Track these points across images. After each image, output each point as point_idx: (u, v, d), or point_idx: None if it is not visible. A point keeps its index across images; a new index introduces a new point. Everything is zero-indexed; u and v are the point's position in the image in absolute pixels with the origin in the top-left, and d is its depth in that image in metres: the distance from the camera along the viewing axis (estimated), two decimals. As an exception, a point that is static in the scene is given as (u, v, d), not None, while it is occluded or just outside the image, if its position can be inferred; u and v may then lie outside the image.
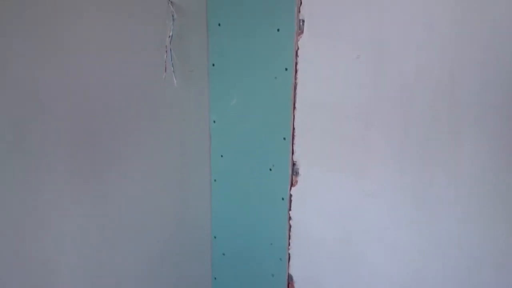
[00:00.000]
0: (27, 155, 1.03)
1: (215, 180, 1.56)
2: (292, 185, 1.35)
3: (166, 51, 1.24)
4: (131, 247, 1.32)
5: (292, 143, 1.31)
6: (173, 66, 1.28)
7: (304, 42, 1.21)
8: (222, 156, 1.51)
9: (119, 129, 1.22)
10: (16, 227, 1.03)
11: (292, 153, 1.32)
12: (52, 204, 1.10)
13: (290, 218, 1.37)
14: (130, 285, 1.34)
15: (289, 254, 1.40)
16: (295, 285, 1.41)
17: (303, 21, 1.20)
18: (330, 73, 1.18)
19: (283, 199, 1.38)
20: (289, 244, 1.39)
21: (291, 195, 1.35)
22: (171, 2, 1.23)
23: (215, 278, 1.66)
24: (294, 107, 1.26)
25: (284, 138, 1.32)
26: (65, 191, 1.12)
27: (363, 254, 1.23)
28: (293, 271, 1.40)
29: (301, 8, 1.19)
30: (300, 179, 1.33)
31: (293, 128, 1.29)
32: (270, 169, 1.39)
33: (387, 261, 1.19)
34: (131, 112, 1.24)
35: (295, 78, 1.24)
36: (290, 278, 1.42)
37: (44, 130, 1.05)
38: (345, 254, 1.27)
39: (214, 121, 1.48)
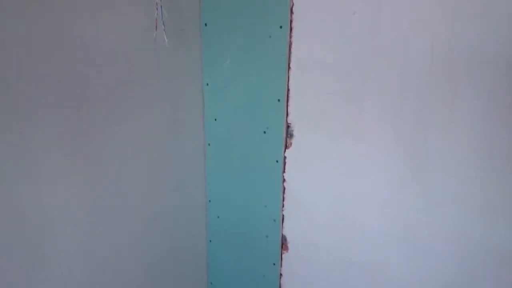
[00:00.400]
0: (17, 116, 1.00)
1: (209, 144, 1.55)
2: (286, 147, 1.34)
3: (157, 8, 1.20)
4: (125, 210, 1.32)
5: (287, 105, 1.29)
6: (164, 25, 1.23)
7: (299, -2, 1.18)
8: (215, 119, 1.50)
9: (109, 91, 1.19)
10: (7, 189, 1.02)
11: (287, 115, 1.31)
12: (45, 165, 1.08)
13: (284, 180, 1.38)
14: (123, 249, 1.35)
15: (283, 215, 1.41)
16: (289, 245, 1.43)
17: (298, -24, 1.16)
18: (326, 30, 1.15)
19: (277, 161, 1.37)
20: (283, 206, 1.41)
21: (285, 157, 1.35)
22: (161, -45, 1.18)
23: (210, 241, 1.69)
24: (289, 67, 1.24)
25: (279, 100, 1.30)
26: (57, 152, 1.10)
27: (356, 214, 1.25)
28: (286, 232, 1.42)
29: (296, -38, 1.15)
30: (294, 141, 1.32)
31: (288, 89, 1.27)
32: (264, 132, 1.38)
33: (379, 220, 1.20)
34: (121, 72, 1.21)
35: (290, 37, 1.21)
36: (284, 239, 1.44)
37: (33, 90, 1.02)
38: (338, 215, 1.29)
39: (207, 84, 1.46)
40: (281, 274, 1.48)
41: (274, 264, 1.48)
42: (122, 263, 1.35)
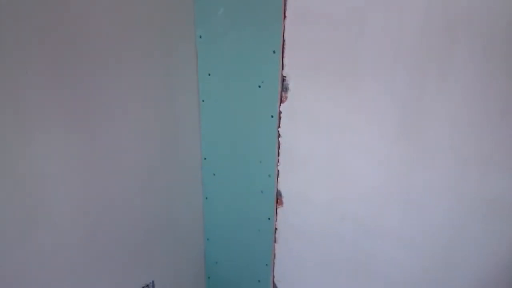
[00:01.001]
0: (8, 64, 0.97)
1: (203, 101, 1.53)
2: (281, 101, 1.32)
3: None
4: (120, 166, 1.32)
5: (282, 57, 1.26)
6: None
7: None
8: (209, 74, 1.46)
9: (101, 45, 1.15)
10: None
11: (282, 68, 1.28)
12: (38, 120, 1.06)
13: (279, 135, 1.37)
14: (119, 206, 1.36)
15: (277, 170, 1.42)
16: (284, 200, 1.45)
17: None
18: (322, -23, 1.10)
19: (272, 116, 1.36)
20: (278, 161, 1.40)
21: (280, 112, 1.34)
22: None
23: (206, 198, 1.70)
24: (285, 16, 1.20)
25: (274, 52, 1.26)
26: (50, 107, 1.08)
27: (350, 168, 1.25)
28: (281, 187, 1.43)
29: None
30: (289, 95, 1.30)
31: (283, 40, 1.24)
32: (259, 86, 1.35)
33: (373, 172, 1.21)
34: (112, 25, 1.16)
35: (286, -16, 1.16)
36: (278, 194, 1.45)
37: (25, 39, 0.98)
38: (332, 169, 1.29)
39: (200, 36, 1.41)
40: (276, 228, 1.51)
41: (269, 219, 1.50)
42: (118, 220, 1.37)
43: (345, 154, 1.25)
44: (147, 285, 1.57)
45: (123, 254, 1.42)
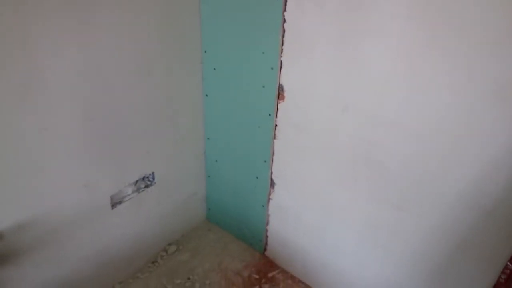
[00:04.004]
0: None
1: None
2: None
3: None
4: (120, 61, 1.26)
5: None
6: None
7: None
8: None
9: None
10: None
11: None
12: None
13: (284, 20, 1.28)
14: (119, 97, 1.33)
15: (281, 62, 1.36)
16: (285, 94, 1.41)
17: None
18: None
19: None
20: (281, 51, 1.34)
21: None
22: None
23: (206, 95, 1.67)
24: None
25: None
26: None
27: (357, 53, 1.18)
28: (284, 80, 1.38)
29: None
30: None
31: None
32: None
33: (381, 57, 1.13)
34: None
35: None
36: (280, 88, 1.41)
37: None
38: (338, 55, 1.22)
39: None
40: (276, 125, 1.49)
41: (269, 115, 1.48)
42: (118, 109, 1.34)
43: (353, 38, 1.17)
44: (147, 176, 1.60)
45: (123, 142, 1.42)
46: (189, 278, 1.70)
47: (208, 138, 1.78)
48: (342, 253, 1.52)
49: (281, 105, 1.44)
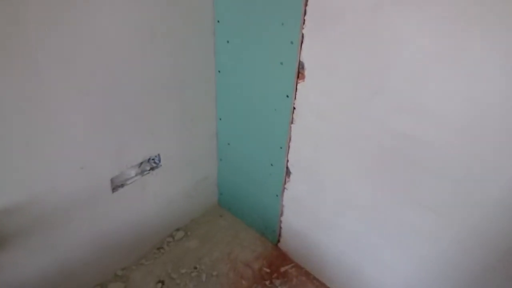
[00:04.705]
0: None
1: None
2: None
3: None
4: (124, 26, 1.12)
5: None
6: None
7: None
8: None
9: None
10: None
11: None
12: None
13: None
14: (125, 72, 1.19)
15: (302, 35, 1.17)
16: (306, 73, 1.23)
17: None
18: None
19: None
20: (303, 22, 1.15)
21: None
22: None
23: (219, 71, 1.51)
24: None
25: None
26: None
27: (393, 25, 0.98)
28: (304, 56, 1.20)
29: None
30: None
31: None
32: None
33: (419, 31, 0.94)
34: None
35: None
36: (301, 66, 1.22)
37: None
38: (370, 28, 1.02)
39: None
40: (294, 108, 1.32)
41: (287, 96, 1.30)
42: (124, 85, 1.21)
43: (390, 6, 0.96)
44: (152, 158, 1.48)
45: (124, 120, 1.29)
46: (195, 268, 1.60)
47: (220, 119, 1.63)
48: (362, 252, 1.36)
49: (301, 85, 1.26)
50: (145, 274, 1.55)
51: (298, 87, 1.27)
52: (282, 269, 1.63)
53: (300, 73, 1.24)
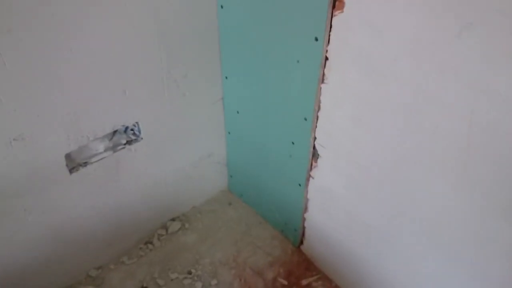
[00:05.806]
0: None
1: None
2: None
3: None
4: None
5: None
6: None
7: None
8: None
9: None
10: None
11: None
12: None
13: None
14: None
15: None
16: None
17: None
18: None
19: None
20: None
21: None
22: None
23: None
24: None
25: None
26: None
27: None
28: None
29: None
30: None
31: None
32: None
33: None
34: None
35: None
36: (339, -16, 0.75)
37: None
38: None
39: None
40: (326, 58, 0.85)
41: (316, 40, 0.84)
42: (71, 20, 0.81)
43: None
44: (131, 128, 1.09)
45: (78, 68, 0.90)
46: (190, 273, 1.23)
47: (226, 77, 1.19)
48: (416, 272, 0.91)
49: (338, 19, 0.79)
50: (125, 277, 1.21)
51: (333, 22, 0.80)
52: (304, 282, 1.22)
53: (337, 0, 0.77)
